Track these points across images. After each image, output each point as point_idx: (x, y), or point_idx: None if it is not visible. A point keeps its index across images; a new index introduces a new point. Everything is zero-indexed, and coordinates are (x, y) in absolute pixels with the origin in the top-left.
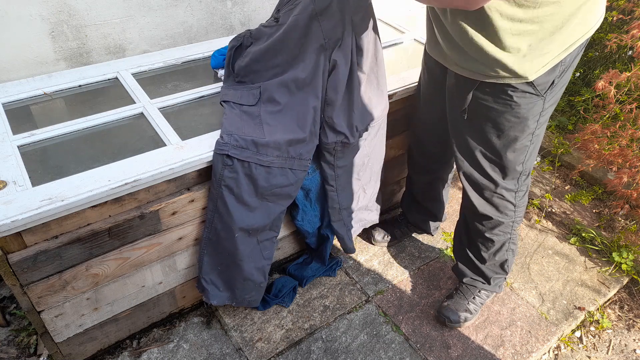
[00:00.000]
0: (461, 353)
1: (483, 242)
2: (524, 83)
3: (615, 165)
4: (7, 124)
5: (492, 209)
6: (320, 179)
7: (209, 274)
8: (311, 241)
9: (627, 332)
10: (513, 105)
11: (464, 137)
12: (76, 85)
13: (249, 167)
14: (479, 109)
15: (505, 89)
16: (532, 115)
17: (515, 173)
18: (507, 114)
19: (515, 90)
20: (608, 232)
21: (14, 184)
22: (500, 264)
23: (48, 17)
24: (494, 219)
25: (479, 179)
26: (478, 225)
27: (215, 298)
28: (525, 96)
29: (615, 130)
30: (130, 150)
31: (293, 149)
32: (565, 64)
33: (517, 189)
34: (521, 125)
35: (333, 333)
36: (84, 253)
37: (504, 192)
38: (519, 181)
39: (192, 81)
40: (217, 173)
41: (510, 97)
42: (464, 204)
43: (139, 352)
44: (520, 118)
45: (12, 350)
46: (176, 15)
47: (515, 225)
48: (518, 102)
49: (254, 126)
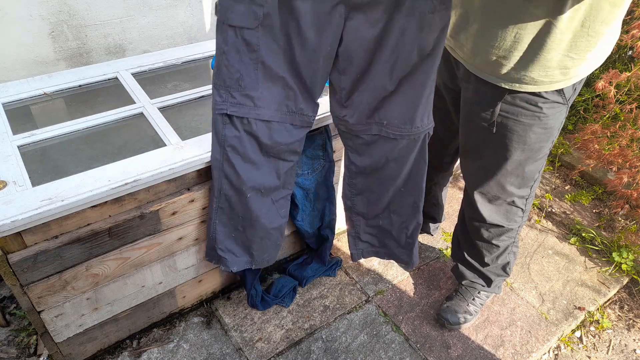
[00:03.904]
0: (461, 353)
1: (488, 247)
2: (554, 92)
3: (615, 165)
4: (7, 124)
5: (502, 218)
6: (320, 179)
7: (224, 242)
8: (311, 241)
9: (627, 332)
10: (542, 117)
11: (481, 152)
12: (76, 85)
13: (248, 123)
14: (506, 122)
15: (535, 99)
16: (558, 125)
17: (531, 181)
18: (535, 126)
19: (546, 101)
20: (608, 232)
21: (14, 184)
22: (502, 266)
23: (48, 17)
24: (504, 227)
25: (492, 192)
26: (484, 233)
27: (235, 264)
28: (554, 106)
29: (615, 130)
30: (130, 150)
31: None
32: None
33: (528, 195)
34: (546, 135)
35: (333, 333)
36: (84, 253)
37: (515, 199)
38: (531, 188)
39: (192, 81)
40: (219, 134)
41: (540, 108)
42: (468, 214)
43: (139, 352)
44: (548, 129)
45: (12, 350)
46: (176, 15)
47: (520, 229)
48: (547, 112)
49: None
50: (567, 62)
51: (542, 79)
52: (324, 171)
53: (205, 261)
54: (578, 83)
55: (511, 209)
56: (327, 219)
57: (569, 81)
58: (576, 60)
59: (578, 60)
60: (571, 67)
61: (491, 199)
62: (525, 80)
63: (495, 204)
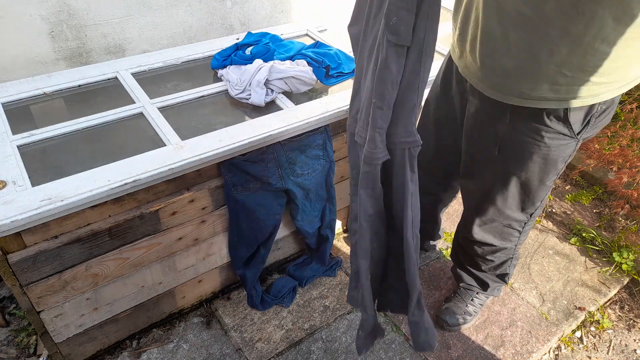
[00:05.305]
0: (461, 353)
1: (483, 260)
2: (558, 121)
3: (615, 165)
4: (7, 123)
5: (495, 238)
6: (320, 179)
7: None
8: (311, 241)
9: (627, 332)
10: (542, 147)
11: (482, 173)
12: (76, 85)
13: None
14: (507, 147)
15: (538, 127)
16: (563, 158)
17: (532, 209)
18: (536, 155)
19: (549, 131)
20: (608, 232)
21: (13, 184)
22: (499, 275)
23: (48, 17)
24: (496, 246)
25: (489, 215)
26: (477, 250)
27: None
28: (558, 137)
29: (615, 130)
30: (130, 150)
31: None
32: (605, 102)
33: (527, 220)
34: (549, 167)
35: (333, 333)
36: (83, 253)
37: (512, 222)
38: (532, 215)
39: (192, 81)
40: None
41: (542, 137)
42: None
43: (138, 352)
44: (550, 160)
45: (11, 351)
46: (176, 15)
47: (519, 246)
48: (548, 143)
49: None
50: (559, 78)
51: (529, 92)
52: (324, 171)
53: (205, 261)
54: (593, 116)
55: (506, 230)
56: (327, 219)
57: (561, 103)
58: (569, 78)
59: (572, 80)
60: (562, 85)
61: (486, 221)
62: (511, 92)
63: (489, 225)
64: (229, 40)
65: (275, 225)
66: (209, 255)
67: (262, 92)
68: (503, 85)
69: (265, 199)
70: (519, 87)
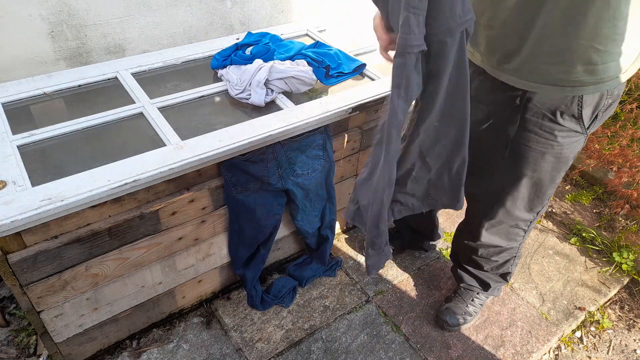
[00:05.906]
0: (461, 353)
1: (486, 261)
2: (571, 119)
3: (615, 165)
4: (7, 123)
5: (502, 239)
6: (320, 179)
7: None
8: (311, 241)
9: (627, 332)
10: (555, 145)
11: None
12: (76, 85)
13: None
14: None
15: (551, 126)
16: (573, 155)
17: (539, 207)
18: (548, 154)
19: (562, 129)
20: (608, 232)
21: (13, 184)
22: (501, 274)
23: (48, 17)
24: (502, 247)
25: (498, 217)
26: (482, 252)
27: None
28: (571, 135)
29: (615, 130)
30: (130, 150)
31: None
32: (612, 96)
33: (533, 219)
34: (560, 165)
35: (333, 333)
36: (83, 253)
37: (519, 222)
38: (538, 213)
39: (192, 81)
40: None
41: (555, 136)
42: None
43: (138, 352)
44: (562, 159)
45: (11, 351)
46: (176, 15)
47: (522, 244)
48: (561, 142)
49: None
50: (592, 55)
51: (563, 76)
52: (324, 171)
53: (205, 261)
54: (600, 110)
55: (513, 230)
56: (327, 219)
57: (599, 86)
58: (602, 53)
59: (605, 55)
60: (598, 64)
61: (494, 224)
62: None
63: (497, 228)
64: (229, 40)
65: (275, 225)
66: (209, 255)
67: (262, 92)
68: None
69: (265, 199)
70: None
